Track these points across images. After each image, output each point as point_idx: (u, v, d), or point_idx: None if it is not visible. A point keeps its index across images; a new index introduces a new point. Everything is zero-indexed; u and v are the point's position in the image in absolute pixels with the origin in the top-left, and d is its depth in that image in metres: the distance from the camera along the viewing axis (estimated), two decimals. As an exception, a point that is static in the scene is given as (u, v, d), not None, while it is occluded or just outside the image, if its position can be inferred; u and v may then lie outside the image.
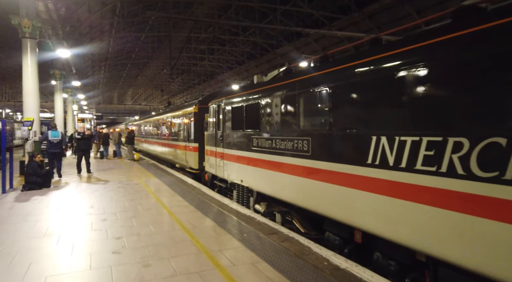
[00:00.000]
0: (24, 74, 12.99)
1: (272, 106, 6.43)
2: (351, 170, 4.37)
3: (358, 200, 4.25)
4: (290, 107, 5.85)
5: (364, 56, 4.37)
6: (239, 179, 8.04)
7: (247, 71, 41.35)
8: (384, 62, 3.99)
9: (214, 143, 10.00)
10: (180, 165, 14.56)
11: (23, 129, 12.05)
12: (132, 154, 19.47)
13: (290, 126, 5.82)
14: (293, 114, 5.75)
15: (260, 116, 6.89)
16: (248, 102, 7.57)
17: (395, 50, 3.91)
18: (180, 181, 11.13)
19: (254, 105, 7.27)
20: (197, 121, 12.21)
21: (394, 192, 3.71)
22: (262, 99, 6.88)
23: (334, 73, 4.85)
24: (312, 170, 5.17)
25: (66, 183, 11.03)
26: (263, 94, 6.88)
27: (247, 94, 7.71)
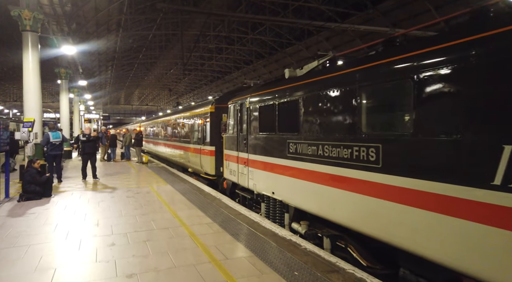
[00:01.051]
0: (24, 70, 11.91)
1: (318, 104, 5.17)
2: (456, 192, 3.11)
3: (477, 237, 2.95)
4: (346, 105, 4.59)
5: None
6: (269, 190, 6.80)
7: (255, 71, 40.24)
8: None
9: (235, 147, 8.79)
10: (193, 170, 13.38)
11: (22, 131, 10.95)
12: (140, 156, 18.35)
13: (345, 129, 4.56)
14: (350, 114, 4.49)
15: (300, 116, 5.64)
16: (282, 100, 6.33)
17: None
18: (196, 189, 9.93)
19: (290, 104, 6.02)
20: (213, 123, 11.01)
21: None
22: (302, 95, 5.63)
23: (427, 56, 3.54)
24: (384, 188, 3.90)
25: (69, 190, 9.89)
26: (304, 89, 5.64)
27: (281, 90, 6.46)
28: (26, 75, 11.85)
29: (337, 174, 4.65)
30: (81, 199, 8.71)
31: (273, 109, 6.62)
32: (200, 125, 12.01)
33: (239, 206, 7.58)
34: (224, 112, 10.95)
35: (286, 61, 33.98)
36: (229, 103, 9.63)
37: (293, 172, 5.81)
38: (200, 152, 11.81)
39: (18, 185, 11.04)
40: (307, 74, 6.08)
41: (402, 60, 3.83)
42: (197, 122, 12.47)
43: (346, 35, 25.06)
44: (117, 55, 37.03)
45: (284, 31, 29.59)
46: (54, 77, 30.60)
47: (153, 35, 33.45)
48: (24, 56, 11.90)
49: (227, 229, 5.84)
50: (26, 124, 11.14)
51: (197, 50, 38.81)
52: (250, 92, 8.06)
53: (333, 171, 4.76)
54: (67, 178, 12.33)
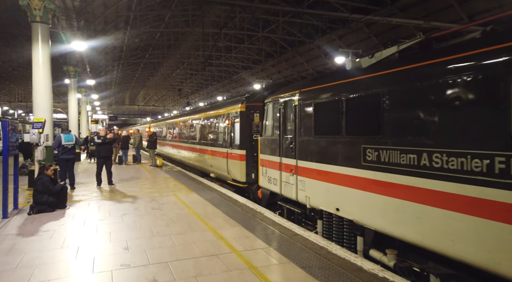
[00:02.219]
0: (34, 66, 10.82)
1: (425, 98, 3.96)
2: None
3: None
4: (482, 98, 3.40)
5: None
6: (331, 206, 5.62)
7: (263, 71, 39.17)
8: None
9: (276, 151, 7.62)
10: (217, 175, 12.22)
11: (32, 133, 9.86)
12: (154, 159, 17.25)
13: (479, 132, 3.38)
14: (492, 110, 3.29)
15: (384, 115, 4.47)
16: (353, 95, 5.15)
17: None
18: (228, 199, 8.77)
19: (367, 99, 4.85)
20: (244, 123, 9.85)
21: None
22: (392, 88, 4.44)
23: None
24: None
25: (85, 200, 8.77)
26: (396, 80, 4.45)
27: (351, 83, 5.29)
28: (36, 71, 10.77)
29: (462, 194, 3.46)
30: (100, 211, 7.58)
31: (338, 106, 5.45)
32: (226, 126, 10.85)
33: (289, 222, 6.41)
34: (256, 112, 9.81)
35: (296, 60, 32.86)
36: (267, 101, 8.47)
37: (375, 186, 4.62)
38: (227, 156, 10.65)
39: (28, 192, 9.96)
40: (391, 62, 4.89)
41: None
42: (223, 123, 11.31)
43: (361, 32, 23.88)
44: (123, 55, 36.07)
45: (295, 29, 28.45)
46: (61, 76, 29.68)
47: (161, 34, 32.44)
48: (34, 51, 10.81)
49: (291, 257, 4.67)
50: (36, 125, 10.04)
51: (206, 49, 37.80)
52: (299, 87, 6.88)
53: (454, 189, 3.57)
54: (80, 184, 11.23)
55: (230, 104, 10.99)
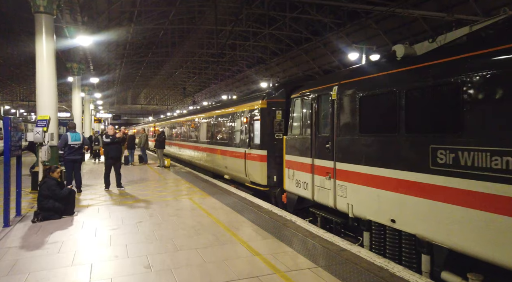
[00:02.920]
0: (37, 60, 10.07)
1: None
2: None
3: None
4: None
5: None
6: (384, 216, 4.85)
7: (267, 70, 38.44)
8: None
9: (307, 152, 6.85)
10: (231, 177, 11.45)
11: (36, 131, 9.12)
12: (163, 159, 16.49)
13: None
14: None
15: (467, 108, 3.68)
16: (417, 85, 4.37)
17: None
18: (250, 204, 7.99)
19: (439, 90, 4.07)
20: (265, 121, 9.08)
21: None
22: (476, 75, 3.66)
23: None
24: None
25: (94, 205, 8.02)
26: (478, 65, 3.67)
27: (413, 71, 4.50)
28: (40, 65, 10.02)
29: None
30: (112, 218, 6.82)
31: (393, 99, 4.66)
32: (244, 124, 10.08)
33: (328, 234, 5.62)
34: (278, 109, 9.03)
35: (302, 59, 32.15)
36: (294, 96, 7.70)
37: (450, 194, 3.84)
38: (245, 157, 9.88)
39: (31, 195, 9.22)
40: (471, 43, 4.10)
41: None
42: (240, 121, 10.53)
43: (370, 29, 23.15)
44: (126, 53, 35.36)
45: (302, 26, 27.67)
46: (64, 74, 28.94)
47: (165, 31, 31.69)
48: (37, 43, 10.06)
49: (349, 280, 3.90)
50: (40, 123, 9.32)
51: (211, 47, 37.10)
52: (337, 79, 6.10)
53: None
54: (86, 187, 10.48)
55: (248, 101, 10.21)
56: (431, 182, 4.05)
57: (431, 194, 4.07)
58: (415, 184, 4.28)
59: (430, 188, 4.07)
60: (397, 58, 5.03)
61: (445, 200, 3.90)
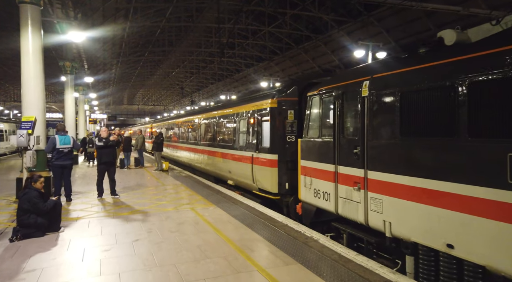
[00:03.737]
0: (23, 55, 9.11)
1: None
2: None
3: None
4: None
5: None
6: (437, 239, 3.94)
7: (266, 70, 37.59)
8: None
9: (329, 157, 5.95)
10: (236, 183, 10.53)
11: (19, 134, 8.17)
12: (161, 162, 15.54)
13: None
14: None
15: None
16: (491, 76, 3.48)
17: None
18: (261, 216, 7.07)
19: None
20: (275, 122, 8.17)
21: None
22: None
23: None
24: None
25: (84, 217, 7.06)
26: None
27: (478, 60, 3.62)
28: (25, 60, 9.06)
29: None
30: (104, 235, 5.88)
31: (451, 95, 3.77)
32: (251, 125, 9.16)
33: (360, 256, 4.72)
34: (290, 108, 8.13)
35: (301, 58, 31.34)
36: (311, 94, 6.79)
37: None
38: (253, 161, 8.97)
39: (14, 206, 8.24)
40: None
41: None
42: (246, 122, 9.62)
43: (372, 27, 22.36)
44: (122, 52, 34.32)
45: (301, 25, 26.83)
46: (56, 73, 27.86)
47: (161, 30, 30.66)
48: (23, 37, 9.11)
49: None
50: (25, 125, 8.37)
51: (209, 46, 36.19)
52: (368, 72, 5.20)
53: None
54: (78, 195, 9.53)
55: (255, 100, 9.29)
56: (510, 201, 3.17)
57: (510, 215, 3.18)
58: (485, 202, 3.39)
59: (509, 208, 3.18)
60: (447, 45, 4.15)
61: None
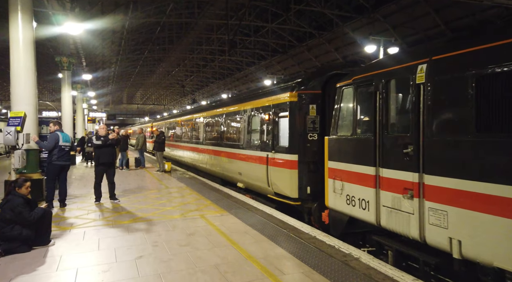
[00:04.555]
0: (11, 41, 8.15)
1: None
2: None
3: None
4: None
5: None
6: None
7: (268, 68, 36.70)
8: None
9: (368, 158, 5.03)
10: (247, 186, 9.60)
11: (6, 131, 7.24)
12: (163, 163, 14.61)
13: None
14: None
15: None
16: None
17: None
18: (281, 225, 6.15)
19: None
20: (295, 118, 7.24)
21: None
22: None
23: None
24: None
25: (79, 226, 6.13)
26: None
27: None
28: (14, 48, 8.11)
29: None
30: (102, 250, 4.95)
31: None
32: (266, 122, 8.23)
33: (420, 280, 3.82)
34: (312, 102, 7.20)
35: (304, 56, 30.46)
36: (342, 85, 5.87)
37: None
38: (268, 162, 8.03)
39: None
40: None
41: None
42: (260, 119, 8.68)
43: (378, 24, 21.50)
44: (121, 50, 33.31)
45: (305, 22, 25.92)
46: (53, 70, 26.87)
47: (161, 28, 29.65)
48: (12, 21, 8.15)
49: None
50: (13, 121, 7.43)
51: (211, 43, 35.26)
52: (423, 54, 4.27)
53: None
54: (73, 199, 8.60)
55: (271, 94, 8.35)
56: None
57: None
58: None
59: None
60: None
61: None
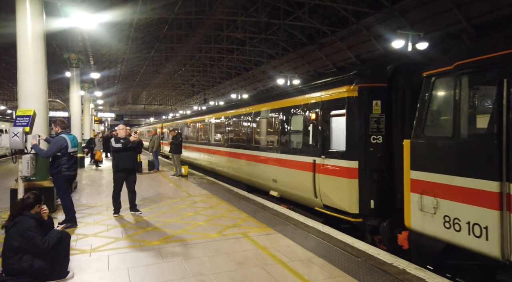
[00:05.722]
0: (19, 32, 7.07)
1: None
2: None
3: None
4: None
5: None
6: None
7: (275, 68, 35.60)
8: None
9: (482, 169, 3.85)
10: (283, 195, 8.42)
11: (13, 133, 6.10)
12: (180, 167, 13.49)
13: None
14: None
15: None
16: None
17: None
18: (353, 252, 4.98)
19: None
20: (353, 117, 6.06)
21: None
22: None
23: None
24: None
25: (98, 250, 5.00)
26: None
27: None
28: (22, 40, 7.01)
29: None
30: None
31: None
32: (311, 122, 7.03)
33: None
34: (375, 98, 6.02)
35: (314, 55, 29.28)
36: (432, 73, 4.66)
37: None
38: (315, 169, 6.86)
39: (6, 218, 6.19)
40: None
41: None
42: (303, 118, 7.49)
43: (395, 21, 20.32)
44: (128, 49, 32.27)
45: (317, 20, 24.71)
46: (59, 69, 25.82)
47: (169, 26, 28.50)
48: (19, 9, 7.07)
49: None
50: (20, 121, 6.28)
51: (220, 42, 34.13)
52: None
53: None
54: (86, 209, 7.48)
55: (319, 89, 7.13)
56: None
57: None
58: None
59: None
60: None
61: None
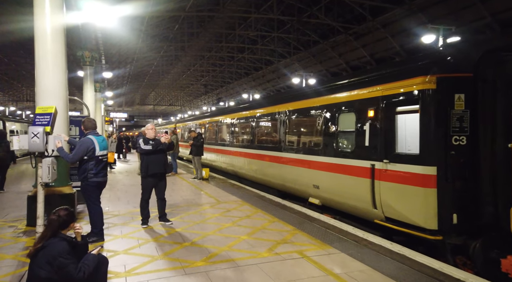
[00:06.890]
0: (36, 25, 6.27)
1: None
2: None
3: None
4: None
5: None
6: None
7: (286, 67, 34.89)
8: None
9: None
10: (327, 203, 7.52)
11: (32, 133, 5.27)
12: (201, 170, 12.67)
13: None
14: None
15: None
16: None
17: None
18: (444, 279, 4.09)
19: None
20: (428, 114, 5.13)
21: None
22: None
23: None
24: None
25: (135, 271, 4.17)
26: None
27: None
28: (40, 28, 6.22)
29: None
30: None
31: None
32: (369, 119, 6.11)
33: None
34: (457, 91, 5.07)
35: (327, 54, 28.47)
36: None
37: None
38: (374, 176, 5.95)
39: (25, 240, 5.42)
40: None
41: None
42: (357, 115, 6.56)
43: (414, 19, 19.37)
44: (138, 49, 31.64)
45: (331, 17, 23.73)
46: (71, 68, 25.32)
47: (180, 25, 27.71)
48: None
49: None
50: (40, 119, 5.47)
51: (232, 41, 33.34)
52: None
53: None
54: (110, 218, 6.71)
55: (379, 82, 6.16)
56: None
57: None
58: None
59: None
60: None
61: None
